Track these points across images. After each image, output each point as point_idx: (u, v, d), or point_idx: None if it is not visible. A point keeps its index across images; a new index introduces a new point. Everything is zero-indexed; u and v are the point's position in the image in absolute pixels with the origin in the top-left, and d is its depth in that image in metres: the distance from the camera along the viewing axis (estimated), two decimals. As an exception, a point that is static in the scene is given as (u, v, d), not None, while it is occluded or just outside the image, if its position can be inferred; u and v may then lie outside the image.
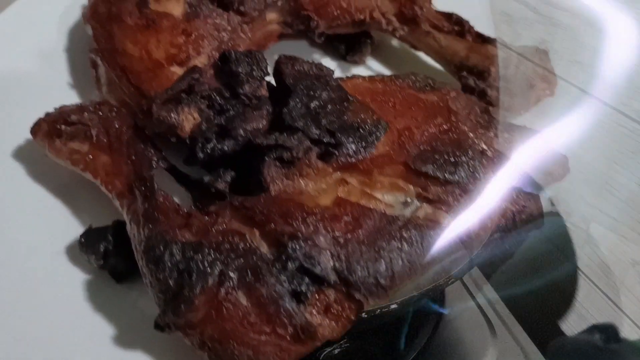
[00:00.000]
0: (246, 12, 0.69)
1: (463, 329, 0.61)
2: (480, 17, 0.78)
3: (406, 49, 0.79)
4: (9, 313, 0.59)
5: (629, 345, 0.60)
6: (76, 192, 0.66)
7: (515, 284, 0.62)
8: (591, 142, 0.69)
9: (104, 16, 0.71)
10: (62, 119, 0.61)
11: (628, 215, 0.69)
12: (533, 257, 0.62)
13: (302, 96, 0.59)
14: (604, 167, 0.72)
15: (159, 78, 0.66)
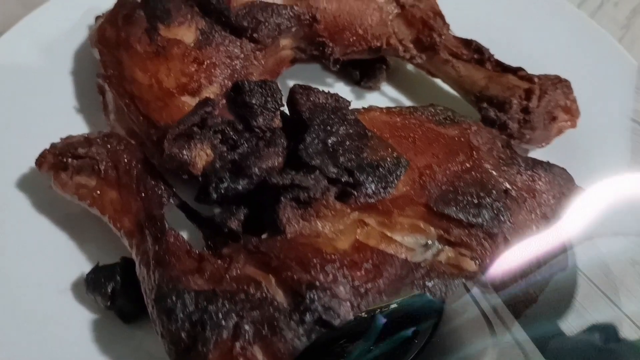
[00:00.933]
0: (259, 39, 0.67)
1: (463, 328, 0.59)
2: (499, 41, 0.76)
3: (422, 74, 0.76)
4: (13, 352, 0.57)
5: (629, 345, 0.59)
6: (83, 223, 0.64)
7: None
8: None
9: (111, 41, 0.68)
10: (69, 152, 0.59)
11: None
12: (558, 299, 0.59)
13: (319, 131, 0.57)
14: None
15: (169, 108, 0.63)
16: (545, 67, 0.76)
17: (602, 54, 0.78)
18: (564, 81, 0.69)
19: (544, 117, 0.66)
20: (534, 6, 0.83)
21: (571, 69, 0.76)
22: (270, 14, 0.67)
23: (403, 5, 0.71)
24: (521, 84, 0.67)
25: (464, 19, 0.79)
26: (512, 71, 0.69)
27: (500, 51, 0.76)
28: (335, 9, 0.69)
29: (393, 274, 0.50)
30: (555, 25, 0.81)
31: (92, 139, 0.60)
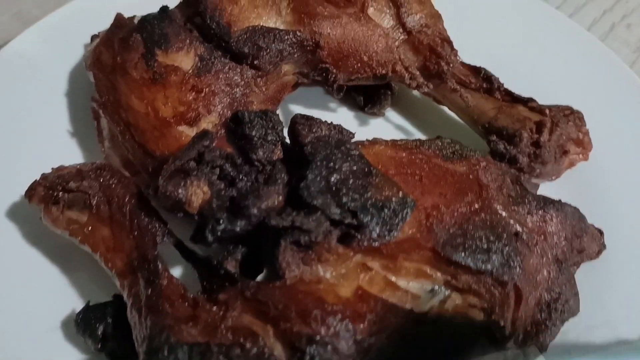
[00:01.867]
0: (260, 66, 0.64)
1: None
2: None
3: (428, 100, 0.74)
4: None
5: (629, 345, 0.57)
6: (75, 255, 0.61)
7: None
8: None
9: (107, 65, 0.66)
10: (59, 185, 0.57)
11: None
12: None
13: (322, 169, 0.54)
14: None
15: (166, 138, 0.61)
16: (554, 93, 0.74)
17: (613, 80, 0.76)
18: (576, 112, 0.66)
19: (555, 150, 0.64)
20: (543, 30, 0.80)
21: (582, 95, 0.74)
22: (272, 40, 0.65)
23: (410, 31, 0.68)
24: (532, 115, 0.65)
25: (472, 44, 0.76)
26: (522, 102, 0.66)
27: (509, 76, 0.74)
28: (340, 35, 0.66)
29: (397, 325, 0.48)
30: (565, 50, 0.79)
31: (84, 171, 0.57)
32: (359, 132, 0.72)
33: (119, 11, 0.74)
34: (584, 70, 0.77)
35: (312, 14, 0.66)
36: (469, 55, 0.73)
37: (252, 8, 0.66)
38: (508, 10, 0.82)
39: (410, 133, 0.73)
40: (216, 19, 0.65)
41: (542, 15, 0.81)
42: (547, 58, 0.78)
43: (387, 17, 0.68)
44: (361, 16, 0.67)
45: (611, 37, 0.89)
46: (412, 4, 0.68)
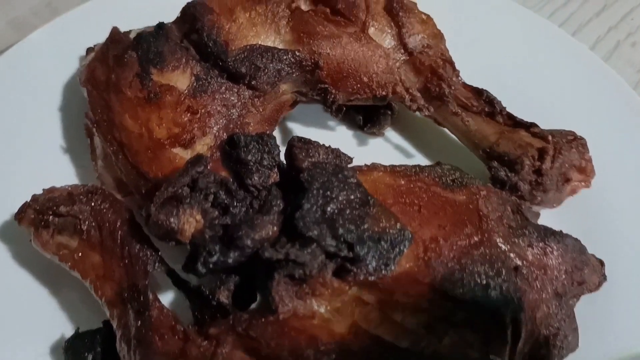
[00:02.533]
0: (258, 86, 0.63)
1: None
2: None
3: (429, 120, 0.72)
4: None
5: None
6: (64, 278, 0.60)
7: None
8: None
9: (101, 82, 0.64)
10: (50, 210, 0.55)
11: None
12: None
13: (318, 198, 0.53)
14: None
15: (160, 160, 0.60)
16: (555, 113, 0.73)
17: (616, 103, 0.74)
18: (579, 139, 0.65)
19: (557, 178, 0.62)
20: (546, 49, 0.79)
21: (583, 118, 0.73)
22: (270, 60, 0.63)
23: (411, 52, 0.67)
24: (534, 141, 0.63)
25: (475, 63, 0.75)
26: (524, 126, 0.65)
27: (511, 95, 0.73)
28: (340, 55, 0.65)
29: (393, 367, 0.46)
30: (568, 70, 0.77)
31: (75, 194, 0.56)
32: (358, 152, 0.71)
33: (116, 23, 0.73)
34: (586, 92, 0.75)
35: (311, 34, 0.65)
36: (470, 72, 0.71)
37: (251, 26, 0.65)
38: (510, 27, 0.81)
39: (410, 154, 0.72)
40: (213, 37, 0.63)
41: (545, 34, 0.80)
42: (550, 78, 0.77)
43: (388, 37, 0.67)
44: (362, 36, 0.66)
45: (615, 56, 0.88)
46: (414, 24, 0.67)
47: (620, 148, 0.70)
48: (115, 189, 0.63)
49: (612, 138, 0.71)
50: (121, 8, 0.81)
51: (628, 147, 0.70)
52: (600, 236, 0.65)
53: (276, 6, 0.66)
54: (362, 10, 0.67)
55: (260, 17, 0.65)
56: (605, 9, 0.94)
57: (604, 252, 0.61)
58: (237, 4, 0.66)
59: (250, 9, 0.66)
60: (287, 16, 0.66)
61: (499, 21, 0.81)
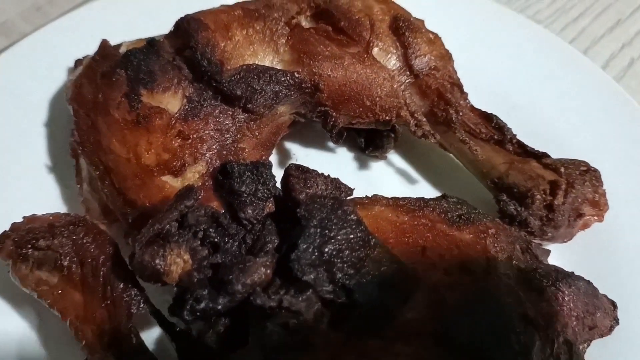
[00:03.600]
0: (254, 110, 0.59)
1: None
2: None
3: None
4: None
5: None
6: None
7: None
8: None
9: (88, 101, 0.61)
10: (29, 243, 0.52)
11: None
12: None
13: (315, 237, 0.49)
14: None
15: (148, 188, 0.56)
16: (567, 137, 0.70)
17: (627, 125, 0.71)
18: (592, 171, 0.61)
19: (569, 214, 0.59)
20: (557, 68, 0.75)
21: (595, 142, 0.70)
22: (268, 82, 0.60)
23: (417, 74, 0.63)
24: (546, 174, 0.60)
25: (484, 82, 0.72)
26: (535, 156, 0.62)
27: (521, 116, 0.70)
28: (341, 78, 0.61)
29: None
30: (579, 92, 0.74)
31: (56, 227, 0.53)
32: (359, 176, 0.68)
33: (107, 32, 0.70)
34: (597, 115, 0.72)
35: (312, 54, 0.61)
36: (481, 93, 0.68)
37: (248, 44, 0.61)
38: (521, 44, 0.77)
39: (414, 179, 0.69)
40: (207, 56, 0.60)
41: (556, 52, 0.76)
42: (560, 99, 0.74)
43: (393, 58, 0.63)
44: (365, 57, 0.62)
45: (629, 74, 0.84)
46: (421, 45, 0.63)
47: (633, 178, 0.67)
48: (100, 215, 0.60)
49: (624, 167, 0.67)
50: (113, 16, 0.77)
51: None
52: (612, 272, 0.62)
53: (275, 23, 0.62)
54: (366, 29, 0.63)
55: (258, 35, 0.61)
56: (619, 24, 0.90)
57: (616, 289, 0.58)
58: (233, 21, 0.62)
59: (248, 26, 0.62)
60: (286, 34, 0.62)
61: (510, 37, 0.78)
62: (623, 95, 0.72)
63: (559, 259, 0.60)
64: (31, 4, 0.88)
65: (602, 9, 0.93)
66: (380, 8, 0.65)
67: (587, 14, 0.92)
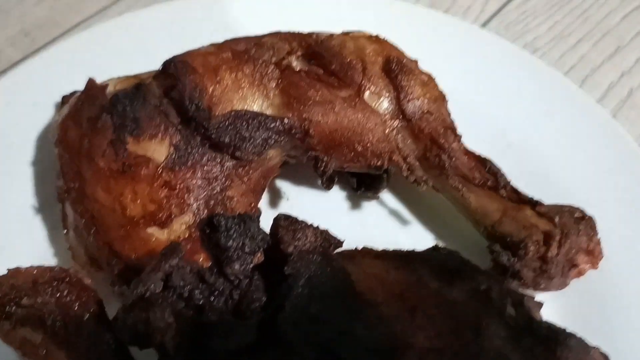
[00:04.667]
0: (243, 157, 0.58)
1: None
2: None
3: (427, 182, 0.68)
4: None
5: None
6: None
7: None
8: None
9: (74, 146, 0.60)
10: (12, 301, 0.51)
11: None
12: None
13: (303, 298, 0.48)
14: None
15: (133, 240, 0.55)
16: (563, 174, 0.69)
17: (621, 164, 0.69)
18: (587, 219, 0.60)
19: (563, 264, 0.58)
20: (555, 105, 0.74)
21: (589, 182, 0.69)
22: (257, 128, 0.59)
23: (410, 118, 0.62)
24: (540, 223, 0.59)
25: (480, 119, 0.71)
26: (529, 204, 0.61)
27: (517, 153, 0.70)
28: (332, 123, 0.60)
29: None
30: (575, 127, 0.73)
31: (40, 284, 0.52)
32: (351, 216, 0.67)
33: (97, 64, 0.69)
34: (593, 152, 0.71)
35: (302, 99, 0.60)
36: (477, 130, 0.68)
37: (237, 89, 0.60)
38: (518, 79, 0.76)
39: (406, 220, 0.68)
40: (195, 101, 0.59)
41: (553, 87, 0.75)
42: (556, 135, 0.72)
43: (386, 101, 0.62)
44: (357, 101, 0.61)
45: (628, 106, 0.82)
46: (414, 88, 0.62)
47: (629, 221, 0.66)
48: (87, 263, 0.59)
49: (620, 211, 0.66)
50: (101, 47, 0.76)
51: (637, 221, 0.66)
52: (607, 319, 0.61)
53: (265, 67, 0.61)
54: (358, 72, 0.62)
55: (247, 79, 0.60)
56: (618, 51, 0.89)
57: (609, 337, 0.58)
58: (222, 64, 0.60)
59: (237, 70, 0.60)
60: (276, 77, 0.61)
61: (507, 72, 0.76)
62: (620, 133, 0.70)
63: (552, 306, 0.59)
64: (19, 29, 0.86)
65: (602, 34, 0.91)
66: (373, 49, 0.63)
67: (586, 39, 0.90)
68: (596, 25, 0.93)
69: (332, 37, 0.64)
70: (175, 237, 0.55)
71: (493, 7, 0.94)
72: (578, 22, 0.93)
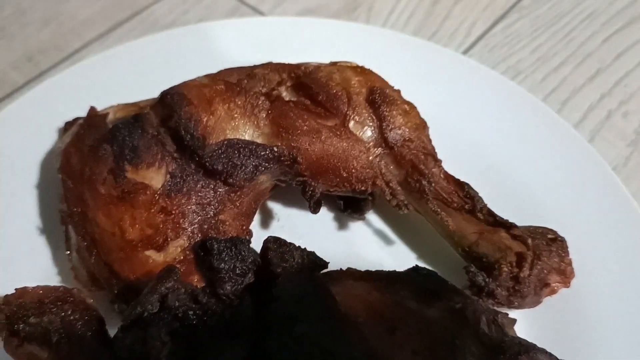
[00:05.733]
0: (235, 183, 0.62)
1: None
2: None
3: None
4: None
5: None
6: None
7: None
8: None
9: (76, 172, 0.64)
10: (20, 320, 0.55)
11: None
12: None
13: (288, 319, 0.52)
14: None
15: (132, 262, 0.59)
16: (539, 196, 0.73)
17: (598, 189, 0.73)
18: (559, 240, 0.64)
19: (535, 284, 0.61)
20: (533, 130, 0.77)
21: (564, 205, 0.72)
22: (248, 156, 0.63)
23: (392, 146, 0.66)
24: (513, 245, 0.63)
25: (461, 143, 0.75)
26: (504, 226, 0.64)
27: (496, 176, 0.73)
28: (319, 151, 0.64)
29: None
30: (552, 151, 0.76)
31: (45, 304, 0.56)
32: (338, 236, 0.71)
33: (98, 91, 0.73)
34: (568, 176, 0.74)
35: (290, 128, 0.64)
36: (456, 152, 0.71)
37: (229, 119, 0.64)
38: (497, 105, 0.79)
39: (390, 240, 0.71)
40: (190, 131, 0.62)
41: (532, 112, 0.78)
42: (533, 159, 0.76)
43: (369, 130, 0.66)
44: (342, 130, 0.65)
45: (607, 127, 0.86)
46: (396, 117, 0.66)
47: (601, 242, 0.69)
48: (89, 283, 0.63)
49: (593, 231, 0.70)
50: (102, 75, 0.80)
51: (609, 241, 0.69)
52: (578, 335, 0.65)
53: (255, 98, 0.65)
54: (343, 102, 0.65)
55: (239, 110, 0.64)
56: (599, 73, 0.93)
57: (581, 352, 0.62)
58: (216, 95, 0.64)
59: (230, 101, 0.64)
60: (266, 108, 0.65)
61: (487, 97, 0.80)
62: (595, 158, 0.74)
63: (526, 323, 0.63)
64: (22, 53, 0.90)
65: (583, 57, 0.95)
66: (358, 80, 0.67)
67: (569, 62, 0.94)
68: (578, 47, 0.97)
69: (320, 68, 0.68)
70: (171, 259, 0.59)
71: (478, 31, 0.98)
72: (560, 45, 0.97)
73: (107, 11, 0.96)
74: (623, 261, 0.68)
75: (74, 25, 0.95)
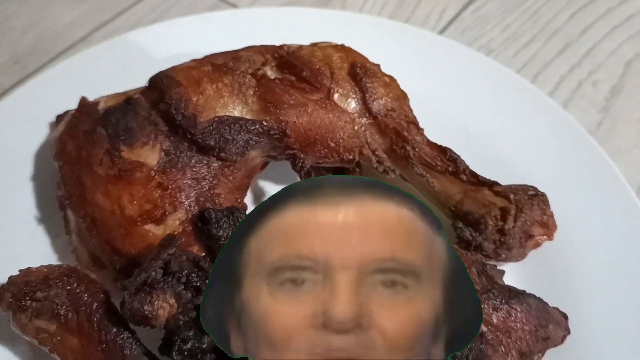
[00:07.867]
0: (227, 158, 0.64)
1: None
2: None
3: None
4: None
5: None
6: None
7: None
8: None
9: (72, 157, 0.65)
10: (27, 295, 0.56)
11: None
12: None
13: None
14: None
15: (132, 237, 0.61)
16: (518, 160, 0.76)
17: (574, 151, 0.77)
18: (539, 195, 0.67)
19: (520, 236, 0.64)
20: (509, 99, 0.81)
21: (544, 167, 0.75)
22: (238, 131, 0.65)
23: (376, 115, 0.69)
24: (497, 200, 0.66)
25: (440, 115, 0.78)
26: (487, 185, 0.67)
27: (475, 144, 0.76)
28: (306, 123, 0.67)
29: None
30: (527, 118, 0.79)
31: (51, 279, 0.57)
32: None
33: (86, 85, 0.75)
34: (545, 140, 0.78)
35: (278, 103, 0.66)
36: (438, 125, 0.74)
37: (218, 97, 0.66)
38: (473, 78, 0.83)
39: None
40: (181, 110, 0.65)
41: (507, 83, 0.82)
42: (511, 126, 0.79)
43: (353, 102, 0.69)
44: (327, 103, 0.68)
45: (578, 96, 0.90)
46: (377, 88, 0.69)
47: (581, 198, 0.73)
48: (90, 263, 0.64)
49: (573, 188, 0.73)
50: (90, 70, 0.82)
51: (588, 197, 0.73)
52: (563, 285, 0.68)
53: (242, 77, 0.67)
54: (327, 77, 0.68)
55: (227, 88, 0.67)
56: (567, 47, 0.97)
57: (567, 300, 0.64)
58: (203, 76, 0.67)
59: (217, 80, 0.67)
60: (253, 86, 0.67)
61: (463, 72, 0.83)
62: (568, 121, 0.78)
63: (514, 277, 0.66)
64: (9, 57, 0.92)
65: (551, 33, 0.99)
66: (339, 56, 0.70)
67: (537, 38, 0.98)
68: (546, 25, 1.01)
69: (302, 48, 0.71)
70: (170, 232, 0.61)
71: (449, 14, 1.02)
72: (529, 23, 1.01)
73: (90, 14, 0.98)
74: (602, 213, 0.71)
75: (59, 29, 0.97)
